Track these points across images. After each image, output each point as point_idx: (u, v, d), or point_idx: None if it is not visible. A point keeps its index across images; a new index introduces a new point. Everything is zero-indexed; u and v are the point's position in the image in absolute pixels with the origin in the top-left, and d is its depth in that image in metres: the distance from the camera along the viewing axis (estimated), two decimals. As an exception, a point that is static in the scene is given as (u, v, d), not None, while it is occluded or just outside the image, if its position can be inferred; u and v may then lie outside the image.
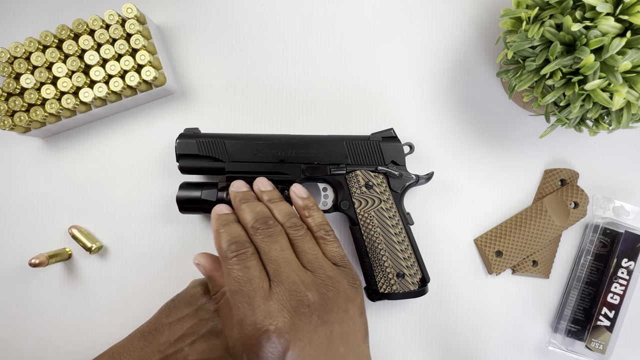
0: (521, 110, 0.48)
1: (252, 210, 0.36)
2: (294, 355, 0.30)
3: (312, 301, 0.32)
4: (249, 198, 0.38)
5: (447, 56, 0.49)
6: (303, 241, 0.36)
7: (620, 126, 0.36)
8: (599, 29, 0.32)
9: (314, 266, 0.34)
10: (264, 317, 0.30)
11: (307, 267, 0.34)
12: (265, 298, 0.31)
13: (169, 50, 0.50)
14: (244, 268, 0.32)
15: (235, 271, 0.32)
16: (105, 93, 0.44)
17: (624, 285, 0.45)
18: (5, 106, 0.44)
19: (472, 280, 0.48)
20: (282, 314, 0.31)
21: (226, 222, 0.36)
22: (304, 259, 0.35)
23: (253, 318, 0.31)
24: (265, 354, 0.30)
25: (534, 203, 0.48)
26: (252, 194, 0.39)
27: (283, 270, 0.33)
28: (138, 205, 0.49)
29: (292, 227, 0.36)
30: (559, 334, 0.47)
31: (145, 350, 0.36)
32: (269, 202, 0.38)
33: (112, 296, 0.48)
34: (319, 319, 0.32)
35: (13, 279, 0.48)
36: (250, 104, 0.49)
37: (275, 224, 0.36)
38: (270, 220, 0.35)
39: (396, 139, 0.45)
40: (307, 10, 0.50)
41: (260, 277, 0.32)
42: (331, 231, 0.38)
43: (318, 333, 0.31)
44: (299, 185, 0.41)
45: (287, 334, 0.30)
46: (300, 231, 0.36)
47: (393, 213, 0.43)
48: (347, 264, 0.37)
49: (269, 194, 0.39)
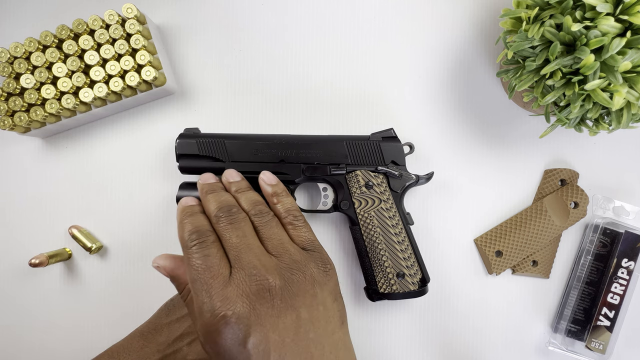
0: (521, 110, 0.48)
1: (216, 200, 0.35)
2: (256, 341, 0.29)
3: (273, 285, 0.30)
4: (215, 189, 0.37)
5: (447, 56, 0.49)
6: (268, 227, 0.35)
7: (620, 126, 0.36)
8: (599, 29, 0.32)
9: (279, 251, 0.33)
10: (221, 303, 0.29)
11: (272, 253, 0.33)
12: (224, 284, 0.30)
13: (169, 50, 0.50)
14: (203, 256, 0.31)
15: (194, 259, 0.31)
16: (105, 93, 0.44)
17: (624, 285, 0.45)
18: (5, 106, 0.44)
19: (472, 280, 0.48)
20: (242, 299, 0.29)
21: (190, 213, 0.35)
22: (269, 244, 0.34)
23: (210, 304, 0.29)
24: (225, 341, 0.28)
25: (534, 203, 0.48)
26: (220, 185, 0.38)
27: (244, 255, 0.32)
28: (138, 205, 0.49)
29: (257, 214, 0.35)
30: (559, 334, 0.47)
31: (145, 349, 0.36)
32: (236, 192, 0.38)
33: (111, 296, 0.48)
34: (282, 303, 0.30)
35: (13, 279, 0.49)
36: (250, 104, 0.49)
37: (239, 211, 0.35)
38: (234, 209, 0.34)
39: (396, 139, 0.45)
40: (307, 10, 0.50)
41: (219, 265, 0.31)
42: (300, 216, 0.37)
43: (282, 318, 0.30)
44: (268, 172, 0.41)
45: (246, 319, 0.29)
46: (266, 217, 0.35)
47: (393, 213, 0.43)
48: (317, 248, 0.35)
49: (237, 185, 0.38)
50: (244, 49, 0.49)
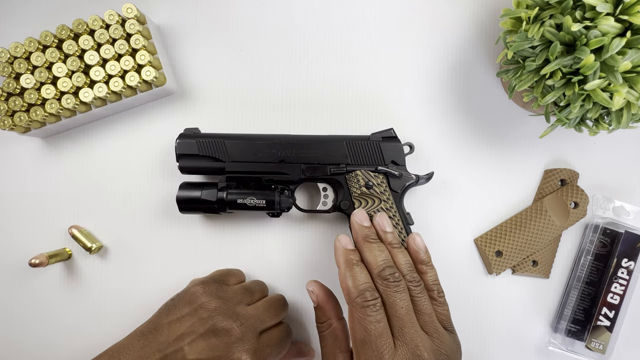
0: (521, 110, 0.48)
1: (378, 254, 0.37)
2: None
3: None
4: (372, 236, 0.39)
5: (447, 56, 0.49)
6: (422, 300, 0.37)
7: (620, 126, 0.36)
8: (599, 29, 0.32)
9: (430, 329, 0.36)
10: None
11: (424, 329, 0.36)
12: (391, 356, 0.33)
13: (169, 50, 0.50)
14: (375, 322, 0.34)
15: (369, 323, 0.34)
16: (105, 93, 0.44)
17: (624, 285, 0.45)
18: (5, 106, 0.44)
19: (472, 280, 0.48)
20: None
21: (354, 262, 0.37)
22: (420, 319, 0.36)
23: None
24: None
25: (534, 203, 0.48)
26: (374, 231, 0.40)
27: (407, 330, 0.34)
28: (138, 205, 0.49)
29: (412, 281, 0.37)
30: (559, 334, 0.47)
31: (145, 349, 0.36)
32: (390, 246, 0.39)
33: (111, 296, 0.48)
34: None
35: (13, 279, 0.49)
36: (250, 104, 0.49)
37: (400, 277, 0.36)
38: (396, 273, 0.36)
39: (396, 139, 0.45)
40: (307, 10, 0.50)
41: (388, 334, 0.34)
42: (442, 292, 0.39)
43: None
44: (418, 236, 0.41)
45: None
46: (420, 287, 0.37)
47: (393, 213, 0.43)
48: (454, 329, 0.38)
49: (391, 237, 0.40)
50: (244, 49, 0.49)
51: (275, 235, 0.48)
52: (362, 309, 0.34)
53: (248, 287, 0.43)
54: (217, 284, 0.41)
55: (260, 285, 0.44)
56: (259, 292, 0.43)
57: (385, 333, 0.34)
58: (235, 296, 0.41)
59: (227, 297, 0.40)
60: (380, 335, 0.33)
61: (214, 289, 0.41)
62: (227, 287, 0.42)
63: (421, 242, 0.40)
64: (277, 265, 0.48)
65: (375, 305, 0.34)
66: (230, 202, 0.43)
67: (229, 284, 0.43)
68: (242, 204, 0.43)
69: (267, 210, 0.44)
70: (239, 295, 0.41)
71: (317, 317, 0.40)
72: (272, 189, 0.44)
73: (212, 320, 0.37)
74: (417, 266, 0.39)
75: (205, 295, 0.39)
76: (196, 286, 0.41)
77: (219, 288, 0.41)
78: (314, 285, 0.40)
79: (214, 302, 0.39)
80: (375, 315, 0.34)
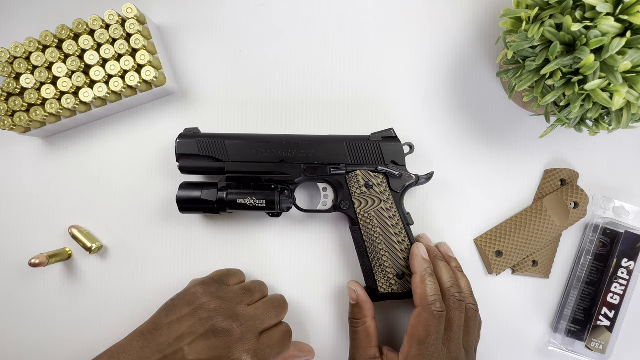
0: (521, 110, 0.48)
1: (448, 272, 0.42)
2: None
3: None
4: (441, 258, 0.44)
5: (447, 56, 0.49)
6: (473, 323, 0.42)
7: (620, 126, 0.36)
8: (599, 29, 0.32)
9: (468, 348, 0.41)
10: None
11: (465, 346, 0.41)
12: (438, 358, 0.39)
13: (169, 50, 0.50)
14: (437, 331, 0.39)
15: (430, 328, 0.39)
16: (105, 93, 0.44)
17: (624, 285, 0.45)
18: (5, 106, 0.44)
19: (472, 280, 0.48)
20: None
21: (430, 272, 0.41)
22: (465, 337, 0.41)
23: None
24: None
25: (534, 203, 0.48)
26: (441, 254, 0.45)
27: (454, 343, 0.40)
28: (138, 205, 0.49)
29: (473, 305, 0.42)
30: (559, 334, 0.47)
31: (145, 349, 0.36)
32: (456, 269, 0.44)
33: (111, 296, 0.48)
34: None
35: (13, 279, 0.49)
36: (250, 104, 0.49)
37: (462, 297, 0.41)
38: (461, 293, 0.41)
39: (396, 139, 0.45)
40: (307, 10, 0.50)
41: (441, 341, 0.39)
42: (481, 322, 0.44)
43: None
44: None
45: None
46: (474, 312, 0.42)
47: (393, 213, 0.43)
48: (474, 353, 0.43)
49: (456, 262, 0.45)
50: (244, 49, 0.49)
51: (275, 235, 0.48)
52: (431, 315, 0.39)
53: (248, 287, 0.43)
54: (217, 284, 0.41)
55: (260, 285, 0.44)
56: (259, 292, 0.43)
57: (440, 340, 0.39)
58: (235, 296, 0.41)
59: (227, 298, 0.40)
60: (437, 341, 0.39)
61: (214, 289, 0.41)
62: (227, 288, 0.42)
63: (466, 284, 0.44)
64: (277, 265, 0.48)
65: (442, 317, 0.39)
66: (230, 202, 0.43)
67: (229, 284, 0.43)
68: (242, 204, 0.43)
69: (267, 210, 0.44)
70: (239, 296, 0.41)
71: (353, 314, 0.43)
72: (272, 189, 0.44)
73: (212, 321, 0.37)
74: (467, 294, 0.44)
75: (205, 296, 0.39)
76: (196, 286, 0.40)
77: (219, 288, 0.41)
78: (356, 285, 0.44)
79: (214, 303, 0.39)
80: (439, 326, 0.39)
